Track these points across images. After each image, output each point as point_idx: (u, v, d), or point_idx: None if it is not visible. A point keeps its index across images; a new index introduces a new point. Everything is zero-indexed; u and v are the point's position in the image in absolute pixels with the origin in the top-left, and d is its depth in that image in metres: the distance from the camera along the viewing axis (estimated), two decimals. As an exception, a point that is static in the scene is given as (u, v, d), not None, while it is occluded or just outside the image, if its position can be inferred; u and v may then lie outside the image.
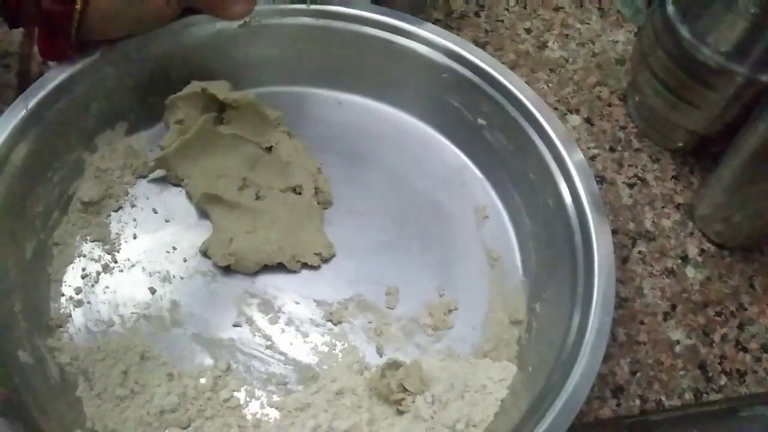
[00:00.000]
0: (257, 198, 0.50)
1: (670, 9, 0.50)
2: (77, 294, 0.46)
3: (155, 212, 0.50)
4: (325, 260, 0.49)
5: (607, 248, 0.44)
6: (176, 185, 0.51)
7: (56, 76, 0.46)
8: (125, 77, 0.49)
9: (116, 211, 0.49)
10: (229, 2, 0.49)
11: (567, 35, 0.64)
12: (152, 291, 0.47)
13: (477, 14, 0.65)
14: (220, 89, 0.50)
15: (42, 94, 0.45)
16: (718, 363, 0.48)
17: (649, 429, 0.47)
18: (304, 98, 0.56)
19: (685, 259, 0.52)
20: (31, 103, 0.45)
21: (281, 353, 0.45)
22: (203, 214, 0.50)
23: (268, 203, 0.49)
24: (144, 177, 0.51)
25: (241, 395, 0.43)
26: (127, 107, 0.51)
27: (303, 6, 0.52)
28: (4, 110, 0.44)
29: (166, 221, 0.50)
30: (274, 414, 0.43)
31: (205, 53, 0.51)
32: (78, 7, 0.43)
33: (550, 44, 0.64)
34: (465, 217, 0.52)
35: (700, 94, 0.50)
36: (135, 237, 0.49)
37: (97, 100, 0.48)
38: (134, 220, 0.49)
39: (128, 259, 0.48)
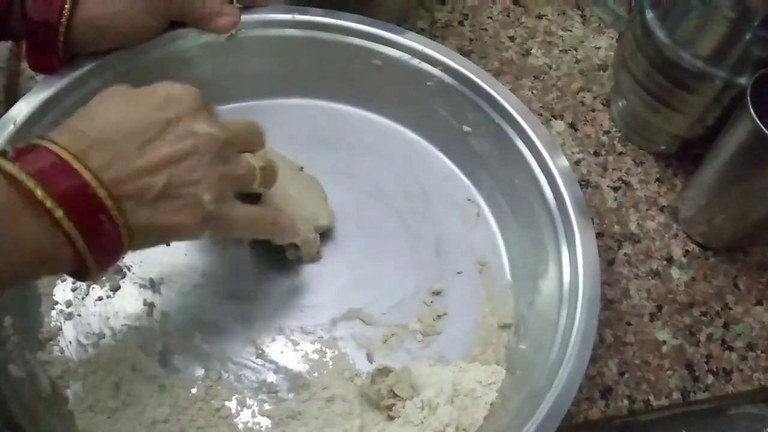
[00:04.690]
0: None
1: (649, 15, 0.51)
2: (68, 307, 0.46)
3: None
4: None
5: (592, 251, 0.44)
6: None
7: (44, 90, 0.46)
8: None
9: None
10: (215, 15, 0.50)
11: (550, 42, 0.65)
12: (143, 302, 0.47)
13: (461, 23, 0.66)
14: None
15: (30, 109, 0.45)
16: (705, 362, 0.49)
17: (638, 429, 0.48)
18: (290, 109, 0.56)
19: (670, 260, 0.53)
20: (19, 118, 0.45)
21: (272, 362, 0.45)
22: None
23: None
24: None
25: (232, 404, 0.43)
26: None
27: (288, 17, 0.52)
28: (-8, 125, 0.45)
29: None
30: (265, 422, 0.43)
31: (192, 66, 0.52)
32: (65, 18, 0.43)
33: (533, 51, 0.64)
34: (452, 223, 0.52)
35: (681, 98, 0.51)
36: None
37: (85, 113, 0.49)
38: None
39: (118, 272, 0.48)
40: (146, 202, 0.33)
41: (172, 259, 0.48)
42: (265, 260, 0.49)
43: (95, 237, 0.31)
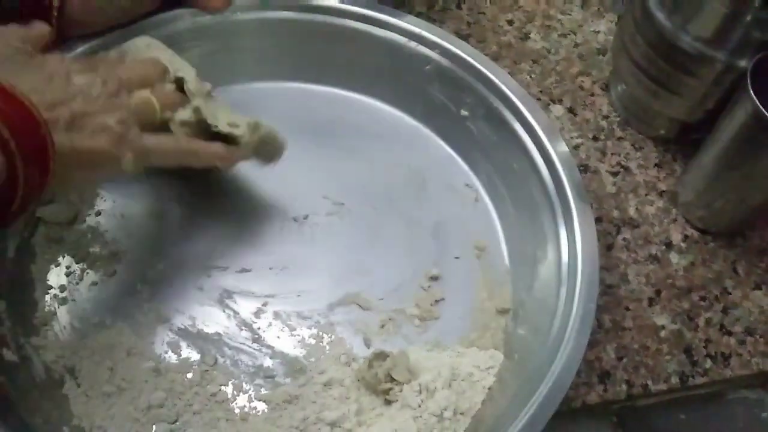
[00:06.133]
0: None
1: (650, -3, 0.50)
2: (62, 292, 0.46)
3: (140, 209, 0.50)
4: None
5: (591, 236, 0.44)
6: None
7: (36, 73, 0.46)
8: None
9: (101, 209, 0.49)
10: (208, -7, 0.49)
11: (549, 26, 0.65)
12: (137, 287, 0.46)
13: (459, 6, 0.65)
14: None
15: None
16: (703, 347, 0.49)
17: (637, 414, 0.48)
18: (286, 93, 0.56)
19: (669, 245, 0.53)
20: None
21: (268, 346, 0.45)
22: (190, 215, 0.49)
23: None
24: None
25: (228, 389, 0.43)
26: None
27: (284, -1, 0.52)
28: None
29: (152, 218, 0.49)
30: (262, 407, 0.43)
31: (186, 48, 0.51)
32: None
33: (532, 35, 0.64)
34: (450, 208, 0.52)
35: (681, 81, 0.51)
36: (120, 234, 0.48)
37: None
38: (122, 216, 0.49)
39: (114, 257, 0.47)
40: (63, 127, 0.37)
41: (168, 245, 0.48)
42: (262, 245, 0.49)
43: (30, 152, 0.35)
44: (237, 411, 0.42)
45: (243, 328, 0.46)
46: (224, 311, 0.46)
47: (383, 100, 0.56)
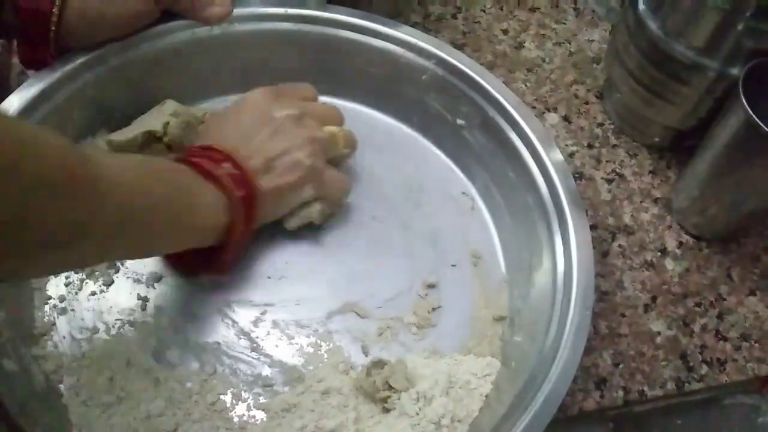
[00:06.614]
0: None
1: (642, 7, 0.51)
2: (61, 302, 0.46)
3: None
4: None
5: (586, 243, 0.44)
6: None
7: (36, 84, 0.46)
8: (105, 84, 0.49)
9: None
10: (207, 4, 0.50)
11: (543, 35, 0.65)
12: (137, 297, 0.47)
13: (454, 16, 0.66)
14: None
15: (22, 103, 0.45)
16: (699, 353, 0.49)
17: (633, 420, 0.48)
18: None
19: (664, 251, 0.53)
20: (11, 112, 0.45)
21: (267, 355, 0.45)
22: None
23: None
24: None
25: (227, 398, 0.43)
26: (108, 114, 0.51)
27: (281, 10, 0.52)
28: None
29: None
30: (260, 416, 0.43)
31: (185, 59, 0.52)
32: (56, 7, 0.43)
33: (527, 44, 0.64)
34: (447, 216, 0.52)
35: (674, 89, 0.51)
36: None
37: (78, 107, 0.49)
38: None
39: (112, 266, 0.48)
40: (262, 171, 0.44)
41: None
42: (260, 253, 0.49)
43: (242, 196, 0.43)
44: (236, 420, 0.43)
45: (241, 337, 0.46)
46: (223, 320, 0.46)
47: (380, 109, 0.57)
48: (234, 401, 0.43)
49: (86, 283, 0.47)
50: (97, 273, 0.47)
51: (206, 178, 0.42)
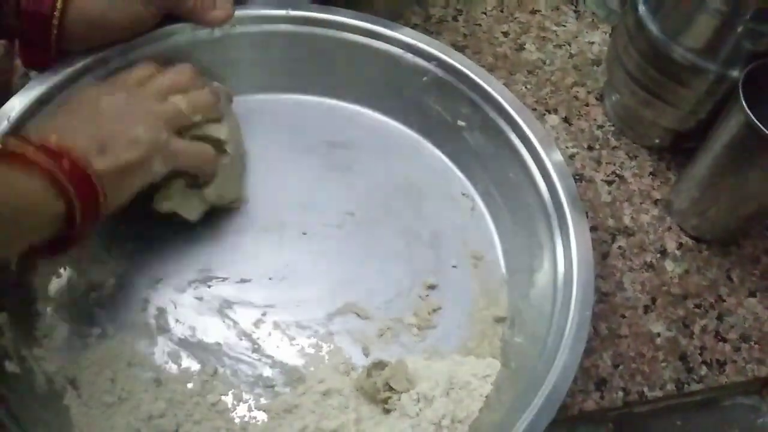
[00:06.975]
0: None
1: (642, 9, 0.51)
2: (62, 303, 0.46)
3: (140, 220, 0.50)
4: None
5: (586, 244, 0.44)
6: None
7: (37, 86, 0.46)
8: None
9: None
10: (208, 8, 0.50)
11: (544, 37, 0.65)
12: (137, 298, 0.47)
13: (455, 18, 0.66)
14: None
15: (23, 105, 0.45)
16: (699, 354, 0.49)
17: (633, 421, 0.48)
18: (284, 105, 0.56)
19: (663, 253, 0.53)
20: (13, 115, 0.45)
21: (268, 356, 0.45)
22: (189, 226, 0.50)
23: None
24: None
25: (228, 399, 0.43)
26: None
27: (282, 12, 0.53)
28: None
29: (152, 228, 0.50)
30: (261, 416, 0.43)
31: (186, 61, 0.52)
32: (58, 10, 0.43)
33: (527, 46, 0.65)
34: (448, 217, 0.53)
35: (674, 91, 0.52)
36: (120, 244, 0.49)
37: (79, 109, 0.49)
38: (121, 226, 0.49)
39: (112, 268, 0.48)
40: (97, 152, 0.40)
41: (167, 256, 0.49)
42: (261, 255, 0.49)
43: (81, 186, 0.38)
44: (237, 420, 0.43)
45: (242, 337, 0.46)
46: (224, 321, 0.47)
47: (380, 111, 0.57)
48: (235, 402, 0.43)
49: (87, 284, 0.47)
50: (97, 273, 0.47)
51: (23, 168, 0.37)
